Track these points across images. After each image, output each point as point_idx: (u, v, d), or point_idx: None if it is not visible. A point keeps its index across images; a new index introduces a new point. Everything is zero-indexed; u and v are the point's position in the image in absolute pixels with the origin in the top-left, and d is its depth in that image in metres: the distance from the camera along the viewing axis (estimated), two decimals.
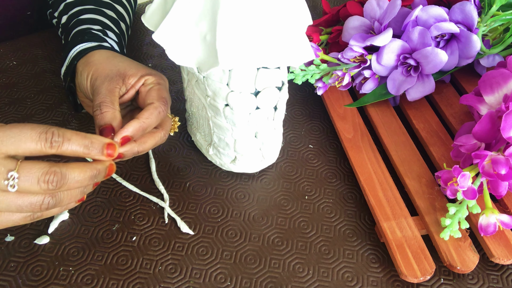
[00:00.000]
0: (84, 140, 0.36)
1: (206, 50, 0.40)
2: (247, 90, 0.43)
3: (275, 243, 0.47)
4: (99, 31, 0.54)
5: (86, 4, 0.57)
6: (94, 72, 0.45)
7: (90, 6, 0.57)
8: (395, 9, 0.54)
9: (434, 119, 0.57)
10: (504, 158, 0.43)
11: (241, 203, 0.50)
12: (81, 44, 0.51)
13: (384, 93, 0.57)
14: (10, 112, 0.59)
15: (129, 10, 0.64)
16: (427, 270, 0.43)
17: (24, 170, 0.34)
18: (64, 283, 0.44)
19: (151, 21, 0.43)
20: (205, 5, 0.38)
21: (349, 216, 0.49)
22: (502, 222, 0.44)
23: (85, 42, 0.51)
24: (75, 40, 0.52)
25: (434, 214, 0.47)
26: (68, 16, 0.57)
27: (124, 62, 0.46)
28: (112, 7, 0.59)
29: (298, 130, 0.58)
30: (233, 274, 0.45)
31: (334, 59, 0.57)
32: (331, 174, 0.53)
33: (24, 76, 0.63)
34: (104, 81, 0.44)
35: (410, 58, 0.55)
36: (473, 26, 0.54)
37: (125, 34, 0.60)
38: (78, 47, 0.50)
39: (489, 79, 0.48)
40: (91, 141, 0.37)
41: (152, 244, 0.47)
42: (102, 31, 0.54)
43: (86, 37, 0.51)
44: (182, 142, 0.56)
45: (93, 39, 0.51)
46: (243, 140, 0.48)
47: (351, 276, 0.45)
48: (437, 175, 0.49)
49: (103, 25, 0.55)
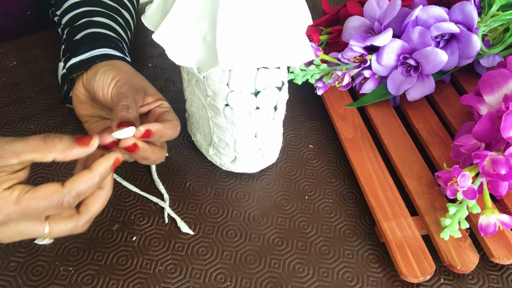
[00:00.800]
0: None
1: (206, 50, 0.40)
2: (247, 90, 0.43)
3: (275, 243, 0.47)
4: (117, 40, 0.55)
5: (94, 5, 0.57)
6: (123, 78, 0.47)
7: (99, 9, 0.57)
8: (395, 9, 0.54)
9: (434, 119, 0.57)
10: (504, 158, 0.43)
11: (241, 203, 0.50)
12: (108, 49, 0.51)
13: (384, 93, 0.57)
14: (10, 112, 0.59)
15: (133, 15, 0.64)
16: (427, 270, 0.43)
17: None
18: (64, 283, 0.44)
19: (151, 21, 0.43)
20: (205, 5, 0.38)
21: (349, 216, 0.49)
22: (502, 222, 0.44)
23: (112, 49, 0.52)
24: (97, 41, 0.52)
25: (434, 214, 0.47)
26: (75, 14, 0.57)
27: (145, 81, 0.49)
28: (119, 13, 0.60)
29: (298, 130, 0.58)
30: (233, 274, 0.45)
31: (334, 59, 0.57)
32: (331, 174, 0.53)
33: (24, 76, 0.63)
34: (131, 89, 0.45)
35: (410, 58, 0.55)
36: (473, 26, 0.54)
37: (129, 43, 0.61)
38: (105, 50, 0.51)
39: (489, 79, 0.48)
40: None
41: (152, 244, 0.47)
42: (119, 41, 0.55)
43: (112, 44, 0.52)
44: (182, 142, 0.56)
45: (118, 49, 0.53)
46: (243, 140, 0.48)
47: (351, 276, 0.45)
48: (437, 175, 0.49)
49: (118, 33, 0.56)
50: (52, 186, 0.36)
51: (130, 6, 0.63)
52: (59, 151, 0.36)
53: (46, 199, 0.35)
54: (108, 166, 0.38)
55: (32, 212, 0.35)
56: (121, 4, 0.61)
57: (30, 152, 0.35)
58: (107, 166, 0.38)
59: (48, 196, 0.35)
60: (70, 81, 0.51)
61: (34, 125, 0.57)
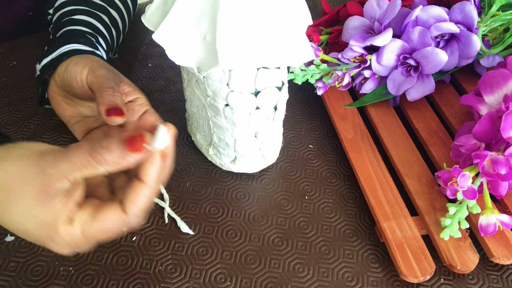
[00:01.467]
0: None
1: (206, 50, 0.40)
2: (247, 90, 0.43)
3: (275, 243, 0.47)
4: (92, 35, 0.54)
5: (80, 4, 0.57)
6: (95, 64, 0.45)
7: (84, 7, 0.57)
8: (395, 9, 0.54)
9: (434, 119, 0.56)
10: (504, 158, 0.43)
11: (241, 203, 0.50)
12: (76, 44, 0.50)
13: (384, 93, 0.57)
14: (10, 112, 0.59)
15: (124, 15, 0.63)
16: (427, 270, 0.43)
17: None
18: (64, 283, 0.44)
19: (151, 21, 0.43)
20: (205, 5, 0.38)
21: (349, 216, 0.49)
22: (502, 222, 0.44)
23: (80, 44, 0.51)
24: (68, 38, 0.51)
25: (434, 214, 0.47)
26: (61, 13, 0.57)
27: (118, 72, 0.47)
28: (106, 11, 0.59)
29: (298, 130, 0.58)
30: (233, 274, 0.45)
31: (334, 59, 0.57)
32: (331, 174, 0.53)
33: (24, 76, 0.63)
34: (109, 72, 0.44)
35: (410, 58, 0.55)
36: (473, 26, 0.54)
37: (114, 41, 0.60)
38: (72, 46, 0.50)
39: (489, 79, 0.48)
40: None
41: (152, 244, 0.47)
42: (94, 36, 0.54)
43: (82, 40, 0.51)
44: (182, 142, 0.56)
45: (88, 44, 0.51)
46: (243, 140, 0.48)
47: (351, 276, 0.45)
48: (437, 175, 0.49)
49: (96, 30, 0.55)
50: (113, 214, 0.32)
51: (122, 6, 0.63)
52: (111, 164, 0.31)
53: (112, 232, 0.32)
54: (159, 168, 0.32)
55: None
56: (110, 4, 0.61)
57: (77, 171, 0.31)
58: (159, 168, 0.32)
59: (113, 228, 0.32)
60: (43, 82, 0.50)
61: (34, 125, 0.57)
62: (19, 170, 0.31)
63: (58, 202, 0.31)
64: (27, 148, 0.32)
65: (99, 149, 0.31)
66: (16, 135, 0.56)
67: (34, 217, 0.31)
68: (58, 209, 0.31)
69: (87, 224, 0.32)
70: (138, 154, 0.31)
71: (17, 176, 0.31)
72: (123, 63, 0.66)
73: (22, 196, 0.31)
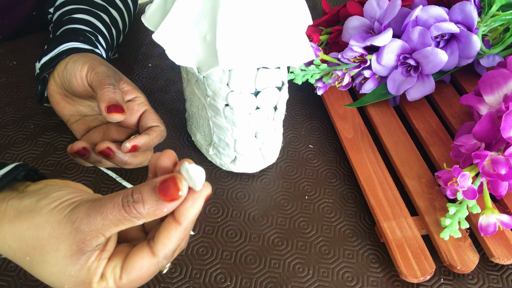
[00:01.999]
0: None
1: (206, 50, 0.40)
2: (247, 90, 0.43)
3: (275, 243, 0.47)
4: (91, 34, 0.54)
5: (81, 3, 0.57)
6: (95, 62, 0.45)
7: (84, 7, 0.57)
8: (395, 9, 0.54)
9: (434, 119, 0.57)
10: (504, 158, 0.43)
11: (241, 203, 0.50)
12: (75, 42, 0.50)
13: (384, 93, 0.57)
14: (10, 112, 0.59)
15: (124, 14, 0.63)
16: (427, 270, 0.43)
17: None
18: None
19: (151, 21, 0.43)
20: (205, 5, 0.38)
21: (349, 216, 0.49)
22: (502, 222, 0.44)
23: (80, 42, 0.51)
24: (68, 36, 0.51)
25: (434, 214, 0.47)
26: (61, 12, 0.57)
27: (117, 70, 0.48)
28: (106, 11, 0.59)
29: (298, 130, 0.58)
30: (233, 274, 0.45)
31: (334, 59, 0.57)
32: (331, 174, 0.53)
33: (24, 76, 0.63)
34: (109, 69, 0.44)
35: (410, 58, 0.55)
36: (473, 26, 0.54)
37: (114, 41, 0.60)
38: (71, 44, 0.50)
39: (489, 79, 0.48)
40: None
41: None
42: (94, 35, 0.54)
43: (81, 38, 0.51)
44: (182, 142, 0.56)
45: (88, 42, 0.51)
46: (243, 140, 0.48)
47: (351, 276, 0.45)
48: (437, 175, 0.49)
49: (96, 29, 0.56)
50: (143, 261, 0.31)
51: (122, 5, 0.63)
52: (147, 216, 0.30)
53: (145, 279, 0.32)
54: (198, 212, 0.31)
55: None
56: (110, 3, 0.61)
57: (114, 226, 0.30)
58: (197, 212, 0.31)
59: (146, 276, 0.31)
60: (42, 80, 0.50)
61: (34, 125, 0.57)
62: (51, 227, 0.30)
63: (93, 260, 0.31)
64: (56, 199, 0.31)
65: (132, 203, 0.29)
66: (16, 135, 0.56)
67: (69, 276, 0.30)
68: (94, 268, 0.31)
69: (118, 277, 0.31)
70: (174, 203, 0.29)
71: (50, 234, 0.30)
72: (123, 63, 0.66)
73: (56, 255, 0.30)
